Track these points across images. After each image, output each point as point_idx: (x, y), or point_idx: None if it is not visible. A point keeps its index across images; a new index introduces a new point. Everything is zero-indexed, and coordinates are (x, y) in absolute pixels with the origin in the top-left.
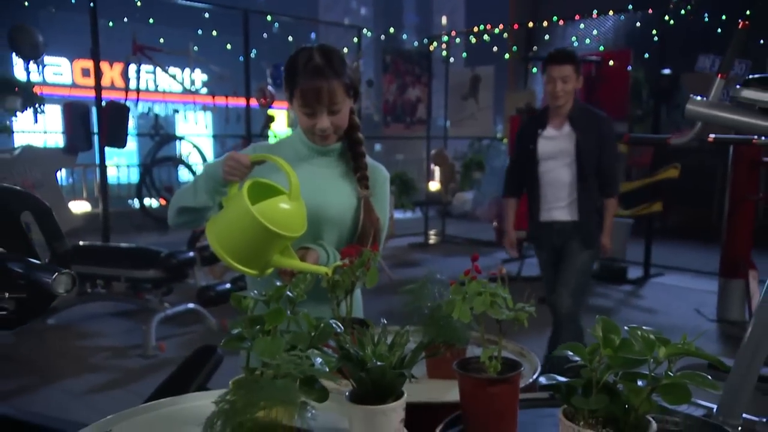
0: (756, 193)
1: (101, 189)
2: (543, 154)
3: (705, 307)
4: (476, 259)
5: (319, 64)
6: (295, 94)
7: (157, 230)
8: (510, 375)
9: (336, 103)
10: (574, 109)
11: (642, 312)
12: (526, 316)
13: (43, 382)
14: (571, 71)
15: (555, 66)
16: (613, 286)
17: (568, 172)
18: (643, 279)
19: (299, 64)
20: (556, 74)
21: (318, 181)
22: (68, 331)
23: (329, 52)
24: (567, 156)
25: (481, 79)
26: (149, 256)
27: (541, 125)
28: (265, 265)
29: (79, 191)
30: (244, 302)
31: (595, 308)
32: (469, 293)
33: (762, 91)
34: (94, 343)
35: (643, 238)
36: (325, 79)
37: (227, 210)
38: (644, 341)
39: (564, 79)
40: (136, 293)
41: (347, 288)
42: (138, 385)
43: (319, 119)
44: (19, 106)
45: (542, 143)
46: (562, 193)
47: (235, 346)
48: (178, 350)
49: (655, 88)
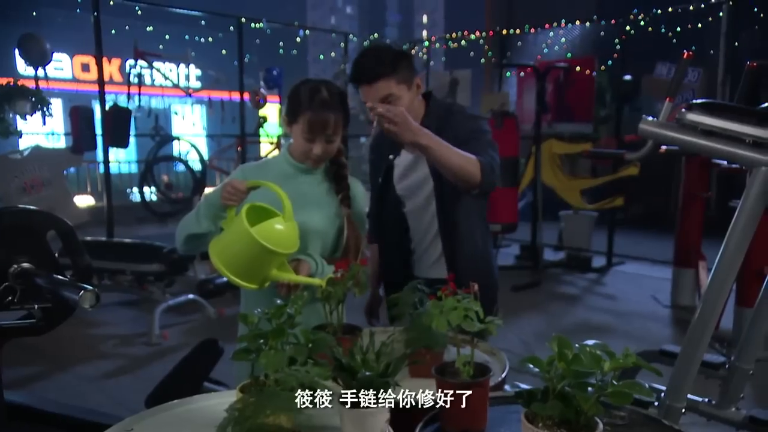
0: (706, 191)
1: (105, 187)
2: (402, 188)
3: (660, 293)
4: (452, 278)
5: (326, 98)
6: (299, 121)
7: (157, 223)
8: (481, 380)
9: (336, 134)
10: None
11: (604, 298)
12: (494, 327)
13: (57, 369)
14: (394, 84)
15: (365, 87)
16: (578, 274)
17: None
18: (606, 267)
19: (305, 95)
20: (372, 99)
21: (303, 198)
22: (77, 320)
23: (334, 88)
24: (428, 188)
25: (459, 82)
26: (152, 251)
27: (392, 148)
28: (263, 280)
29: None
30: (249, 318)
31: (563, 295)
32: (445, 307)
33: (704, 115)
34: (102, 331)
35: (606, 230)
36: (332, 112)
37: (227, 232)
38: (592, 357)
39: (387, 101)
40: (141, 285)
41: (339, 298)
42: (144, 371)
43: (316, 146)
44: (28, 109)
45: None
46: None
47: (243, 358)
48: (180, 338)
49: (618, 92)
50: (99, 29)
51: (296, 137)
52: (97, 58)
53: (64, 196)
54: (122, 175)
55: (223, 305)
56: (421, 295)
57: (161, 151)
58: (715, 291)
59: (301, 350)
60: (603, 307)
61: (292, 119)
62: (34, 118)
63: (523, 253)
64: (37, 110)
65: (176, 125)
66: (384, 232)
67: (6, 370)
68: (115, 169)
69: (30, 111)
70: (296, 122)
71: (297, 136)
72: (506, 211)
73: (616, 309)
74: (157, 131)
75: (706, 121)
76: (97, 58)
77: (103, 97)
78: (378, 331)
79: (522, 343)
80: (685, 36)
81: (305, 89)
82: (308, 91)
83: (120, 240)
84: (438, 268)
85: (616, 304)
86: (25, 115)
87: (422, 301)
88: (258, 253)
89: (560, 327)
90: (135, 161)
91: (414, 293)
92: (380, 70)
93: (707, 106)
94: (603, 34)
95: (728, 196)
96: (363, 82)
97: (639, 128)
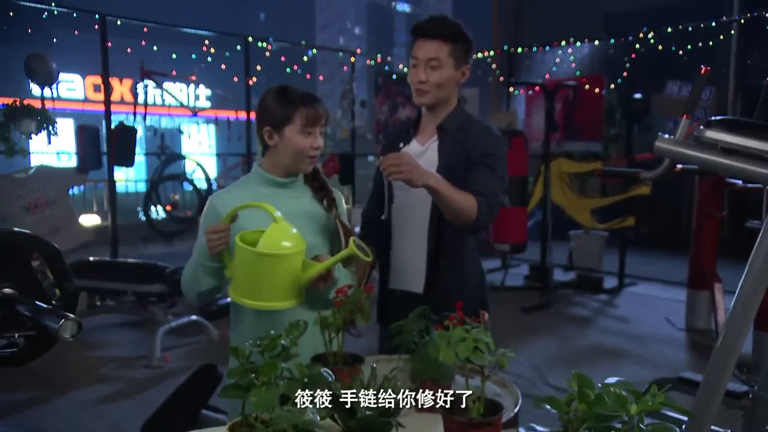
0: (720, 210)
1: (110, 206)
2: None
3: (674, 315)
4: (461, 306)
5: (311, 93)
6: (294, 120)
7: (162, 242)
8: (493, 419)
9: (326, 125)
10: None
11: (617, 321)
12: (506, 361)
13: (55, 393)
14: (446, 52)
15: (421, 41)
16: (590, 295)
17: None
18: (617, 288)
19: (291, 94)
20: (421, 54)
21: (290, 215)
22: (79, 342)
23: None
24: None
25: (467, 101)
26: (154, 272)
27: (404, 137)
28: (299, 289)
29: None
30: (240, 351)
31: (574, 317)
32: (453, 339)
33: (724, 132)
34: (103, 353)
35: (617, 250)
36: (320, 103)
37: (238, 269)
38: (617, 398)
39: (431, 63)
40: (143, 306)
41: (339, 326)
42: (144, 395)
43: (315, 138)
44: (34, 128)
45: None
46: (414, 241)
47: (232, 396)
48: (182, 360)
49: (628, 110)
50: (105, 49)
51: (290, 139)
52: (104, 78)
53: (68, 215)
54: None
55: (225, 327)
56: (426, 322)
57: (168, 170)
58: (740, 316)
59: (296, 386)
60: (616, 330)
61: (283, 122)
62: (40, 137)
63: (532, 274)
64: (43, 129)
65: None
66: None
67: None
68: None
69: (35, 130)
70: (289, 122)
71: (291, 138)
72: (515, 230)
73: (630, 332)
74: (163, 150)
75: (727, 138)
76: (104, 77)
77: (108, 116)
78: (381, 360)
79: (532, 367)
80: (695, 54)
81: (284, 91)
82: (288, 91)
83: (122, 260)
84: (414, 277)
85: (629, 327)
86: (31, 134)
87: (428, 328)
88: (278, 266)
89: (572, 350)
90: (144, 180)
91: (419, 320)
92: (443, 32)
93: (727, 123)
94: (612, 53)
95: (742, 216)
96: (420, 35)
97: (655, 146)
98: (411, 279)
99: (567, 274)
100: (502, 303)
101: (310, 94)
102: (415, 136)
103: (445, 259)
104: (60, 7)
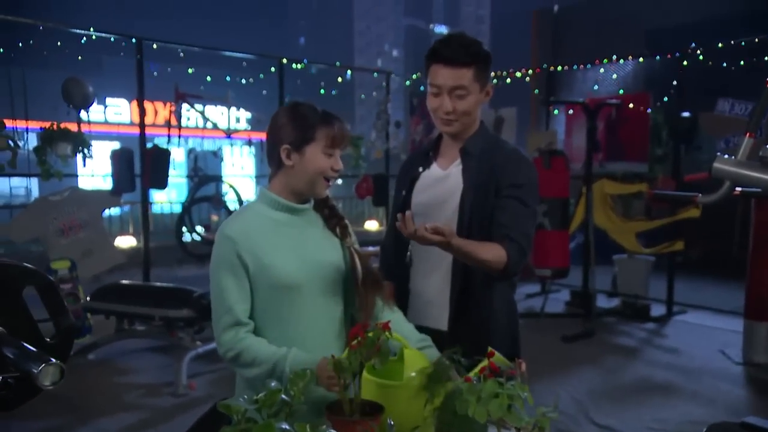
0: None
1: (143, 229)
2: (419, 204)
3: (730, 347)
4: (492, 355)
5: (331, 112)
6: (317, 139)
7: (195, 264)
8: None
9: (345, 147)
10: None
11: (665, 352)
12: (547, 422)
13: (78, 422)
14: (470, 78)
15: (440, 67)
16: (636, 324)
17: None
18: (666, 317)
19: (312, 111)
20: (441, 81)
21: (310, 238)
22: (106, 367)
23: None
24: (449, 208)
25: (505, 120)
26: (182, 296)
27: (424, 161)
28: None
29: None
30: (234, 408)
31: (619, 348)
32: (484, 393)
33: None
34: (129, 379)
35: (664, 275)
36: (343, 123)
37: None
38: None
39: (456, 93)
40: (170, 331)
41: (355, 370)
42: (167, 426)
43: (336, 159)
44: (69, 152)
45: (420, 188)
46: (437, 276)
47: None
48: (208, 388)
49: (675, 129)
50: (141, 72)
51: (311, 159)
52: (139, 101)
53: (101, 238)
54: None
55: None
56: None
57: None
58: None
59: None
60: (665, 363)
61: (305, 141)
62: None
63: (573, 300)
64: (78, 153)
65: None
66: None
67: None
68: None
69: (71, 153)
70: (311, 141)
71: (313, 157)
72: (556, 254)
73: (681, 365)
74: (196, 172)
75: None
76: (139, 100)
77: (143, 138)
78: None
79: (574, 401)
80: (748, 70)
81: (303, 108)
82: (310, 109)
83: (151, 284)
84: (437, 313)
85: (680, 359)
86: (67, 157)
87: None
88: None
89: (617, 384)
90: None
91: (446, 367)
92: (464, 56)
93: None
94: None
95: None
96: (441, 62)
97: (713, 168)
98: (433, 315)
99: (611, 300)
100: (541, 331)
101: (332, 113)
102: (435, 160)
103: (470, 294)
104: (98, 32)
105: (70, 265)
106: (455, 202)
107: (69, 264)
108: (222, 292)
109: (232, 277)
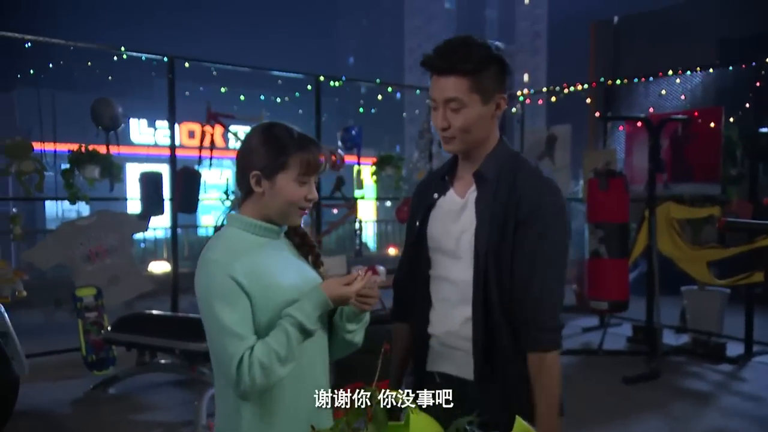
0: None
1: (172, 254)
2: (434, 239)
3: None
4: None
5: (307, 135)
6: (289, 166)
7: None
8: None
9: (323, 171)
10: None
11: (744, 399)
12: None
13: None
14: (465, 89)
15: (434, 78)
16: (708, 365)
17: (467, 274)
18: (744, 357)
19: (286, 135)
20: (436, 94)
21: (289, 260)
22: (125, 402)
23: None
24: (464, 249)
25: (557, 139)
26: (203, 328)
27: (440, 186)
28: None
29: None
30: None
31: (689, 392)
32: None
33: None
34: (147, 417)
35: (742, 310)
36: (319, 148)
37: None
38: None
39: (450, 105)
40: (191, 365)
41: None
42: None
43: (310, 187)
44: (97, 174)
45: (435, 217)
46: (456, 318)
47: None
48: None
49: (751, 147)
50: (173, 92)
51: (282, 188)
52: (170, 121)
53: (128, 264)
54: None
55: None
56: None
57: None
58: None
59: None
60: (743, 412)
61: (276, 168)
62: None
63: (636, 336)
64: (107, 176)
65: None
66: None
67: None
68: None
69: (99, 177)
70: (283, 169)
71: (284, 186)
72: (614, 286)
73: (762, 415)
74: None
75: None
76: (170, 120)
77: (174, 161)
78: None
79: None
80: None
81: (277, 130)
82: (281, 131)
83: (172, 314)
84: (461, 361)
85: (762, 409)
86: (95, 180)
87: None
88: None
89: None
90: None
91: None
92: (457, 64)
93: None
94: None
95: None
96: (434, 71)
97: None
98: (455, 360)
99: (679, 337)
100: (599, 370)
101: (308, 137)
102: (452, 185)
103: (498, 336)
104: (130, 51)
105: (95, 293)
106: (470, 241)
107: (95, 291)
108: (220, 320)
109: (227, 302)
